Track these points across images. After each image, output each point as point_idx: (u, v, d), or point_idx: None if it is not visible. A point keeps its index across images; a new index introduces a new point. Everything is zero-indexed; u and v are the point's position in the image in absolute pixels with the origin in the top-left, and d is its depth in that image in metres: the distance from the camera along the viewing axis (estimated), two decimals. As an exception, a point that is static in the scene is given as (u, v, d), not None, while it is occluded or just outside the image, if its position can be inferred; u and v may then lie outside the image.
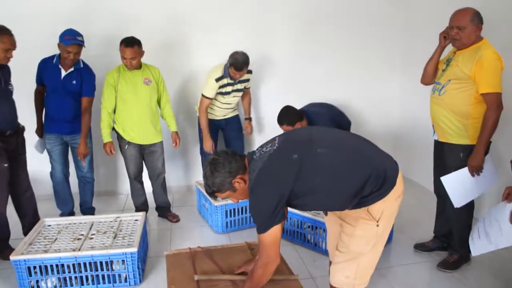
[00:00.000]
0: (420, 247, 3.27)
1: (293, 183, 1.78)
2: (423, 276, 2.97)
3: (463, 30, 2.67)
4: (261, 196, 1.82)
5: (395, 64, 4.83)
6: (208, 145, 3.86)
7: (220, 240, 3.43)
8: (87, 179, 3.77)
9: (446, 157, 2.89)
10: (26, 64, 3.45)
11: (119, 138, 3.60)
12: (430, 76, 2.99)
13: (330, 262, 2.26)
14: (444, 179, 2.83)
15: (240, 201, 2.03)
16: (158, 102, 3.66)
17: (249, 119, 4.30)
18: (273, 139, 1.94)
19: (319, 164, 1.81)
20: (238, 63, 3.56)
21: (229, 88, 3.81)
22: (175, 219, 3.84)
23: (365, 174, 1.80)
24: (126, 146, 3.57)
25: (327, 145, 1.87)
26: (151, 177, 3.80)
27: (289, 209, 2.42)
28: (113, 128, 3.60)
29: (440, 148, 2.96)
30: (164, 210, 3.90)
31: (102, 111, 3.51)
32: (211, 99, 3.79)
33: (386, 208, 1.87)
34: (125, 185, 4.51)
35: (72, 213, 3.85)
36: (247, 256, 2.45)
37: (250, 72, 3.87)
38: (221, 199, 3.54)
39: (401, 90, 4.79)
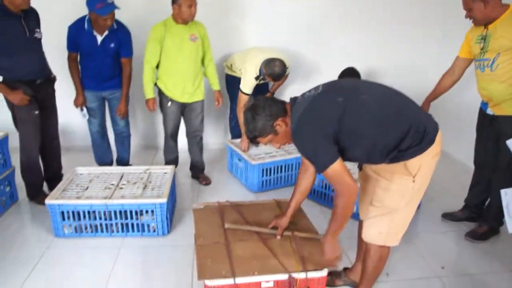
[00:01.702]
0: (449, 216, 3.25)
1: (337, 125, 1.78)
2: (450, 245, 2.96)
3: (472, 11, 2.65)
4: (307, 135, 1.82)
5: (434, 34, 4.68)
6: (245, 144, 3.82)
7: (250, 198, 3.47)
8: (124, 134, 3.79)
9: (502, 128, 2.78)
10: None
11: (161, 94, 3.56)
12: (446, 89, 3.04)
13: (360, 222, 2.28)
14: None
15: (282, 146, 2.04)
16: (202, 60, 3.59)
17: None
18: (317, 86, 1.94)
19: (362, 110, 1.81)
20: (275, 74, 3.52)
21: (262, 81, 3.81)
22: (205, 181, 3.83)
23: (405, 127, 1.80)
24: (169, 103, 3.53)
25: (372, 94, 1.87)
26: (188, 135, 3.79)
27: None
28: (155, 84, 3.55)
29: (493, 121, 2.85)
30: (197, 171, 3.90)
31: (145, 65, 3.40)
32: (250, 95, 3.73)
33: (424, 164, 1.86)
34: (154, 140, 4.60)
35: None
36: (275, 213, 2.48)
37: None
38: (257, 157, 3.63)
39: (437, 60, 4.65)
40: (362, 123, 1.81)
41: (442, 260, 2.74)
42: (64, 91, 3.60)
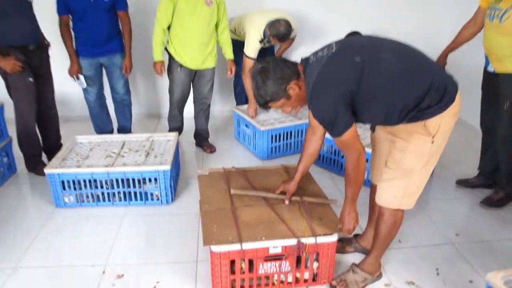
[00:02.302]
0: (463, 183, 3.16)
1: (355, 86, 1.69)
2: (464, 211, 2.88)
3: None
4: (324, 99, 1.72)
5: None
6: (252, 110, 3.71)
7: (258, 166, 3.38)
8: (124, 102, 3.68)
9: (502, 88, 2.70)
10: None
11: (170, 59, 3.42)
12: (466, 40, 2.93)
13: (372, 187, 2.20)
14: None
15: (293, 111, 1.95)
16: (216, 26, 3.44)
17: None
18: (329, 45, 1.81)
19: (381, 69, 1.71)
20: (281, 35, 3.41)
21: (267, 45, 3.71)
22: (209, 149, 3.74)
23: (426, 86, 1.70)
24: (179, 69, 3.39)
25: (390, 51, 1.76)
26: (195, 101, 3.68)
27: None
28: (165, 48, 3.42)
29: (495, 80, 2.76)
30: (201, 139, 3.82)
31: (156, 25, 3.25)
32: (255, 59, 3.59)
33: (443, 123, 1.77)
34: (162, 109, 4.51)
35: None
36: (283, 178, 2.40)
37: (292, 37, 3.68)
38: (266, 123, 3.55)
39: (454, 22, 4.47)
40: (381, 83, 1.71)
41: (456, 227, 2.67)
42: (60, 59, 3.47)
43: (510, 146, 2.78)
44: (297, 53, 4.37)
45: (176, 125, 3.74)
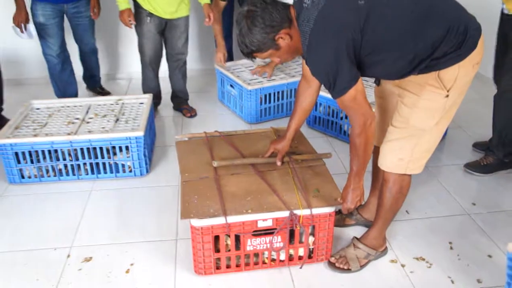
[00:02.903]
0: (481, 146, 3.18)
1: (359, 34, 1.66)
2: (482, 178, 2.90)
3: None
4: (323, 51, 1.70)
5: None
6: (221, 54, 3.74)
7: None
8: (93, 49, 3.81)
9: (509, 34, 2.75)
10: None
11: (138, 8, 3.34)
12: None
13: (375, 149, 2.20)
14: None
15: (283, 62, 1.95)
16: None
17: None
18: None
19: (390, 13, 1.68)
20: None
21: None
22: (189, 113, 3.74)
23: (442, 31, 1.67)
24: (149, 19, 3.32)
25: None
26: (169, 58, 3.65)
27: (321, 93, 2.35)
28: None
29: (508, 24, 2.79)
30: (180, 102, 3.81)
31: None
32: (226, 1, 3.60)
33: (461, 75, 1.75)
34: (126, 68, 4.44)
35: None
36: (273, 142, 2.40)
37: None
38: (255, 77, 3.58)
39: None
40: (389, 30, 1.69)
41: (472, 196, 2.71)
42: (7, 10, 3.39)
43: (509, 103, 2.81)
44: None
45: (153, 89, 3.68)
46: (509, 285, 1.48)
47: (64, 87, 3.67)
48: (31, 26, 3.33)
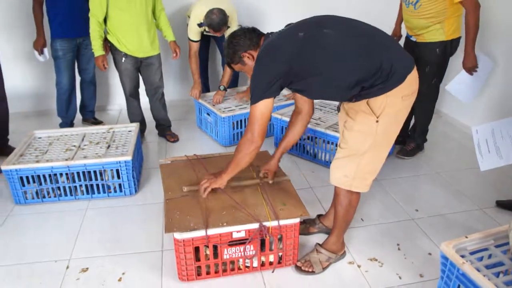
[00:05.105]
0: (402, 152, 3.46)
1: (294, 59, 1.76)
2: (423, 188, 2.98)
3: None
4: (260, 68, 1.84)
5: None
6: (196, 92, 3.75)
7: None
8: (93, 81, 3.85)
9: (423, 55, 3.04)
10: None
11: (114, 50, 3.34)
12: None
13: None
14: (448, 87, 3.14)
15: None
16: (153, 12, 3.38)
17: None
18: (295, 22, 1.92)
19: (323, 44, 1.76)
20: (215, 24, 3.36)
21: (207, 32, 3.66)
22: (173, 139, 3.71)
23: (369, 65, 1.73)
24: (123, 59, 3.31)
25: (337, 28, 1.79)
26: (148, 93, 3.62)
27: (284, 118, 2.39)
28: (106, 39, 3.34)
29: (416, 48, 3.08)
30: (163, 129, 3.78)
31: (91, 20, 3.14)
32: (198, 41, 3.62)
33: (390, 104, 1.78)
34: (117, 100, 4.42)
35: (72, 124, 3.84)
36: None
37: (228, 27, 3.55)
38: (227, 110, 3.58)
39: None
40: (320, 57, 1.77)
41: (415, 204, 2.76)
42: (12, 52, 3.37)
43: (427, 104, 3.23)
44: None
45: (138, 118, 3.66)
46: (441, 279, 1.64)
47: (70, 107, 3.77)
48: (46, 50, 3.49)
